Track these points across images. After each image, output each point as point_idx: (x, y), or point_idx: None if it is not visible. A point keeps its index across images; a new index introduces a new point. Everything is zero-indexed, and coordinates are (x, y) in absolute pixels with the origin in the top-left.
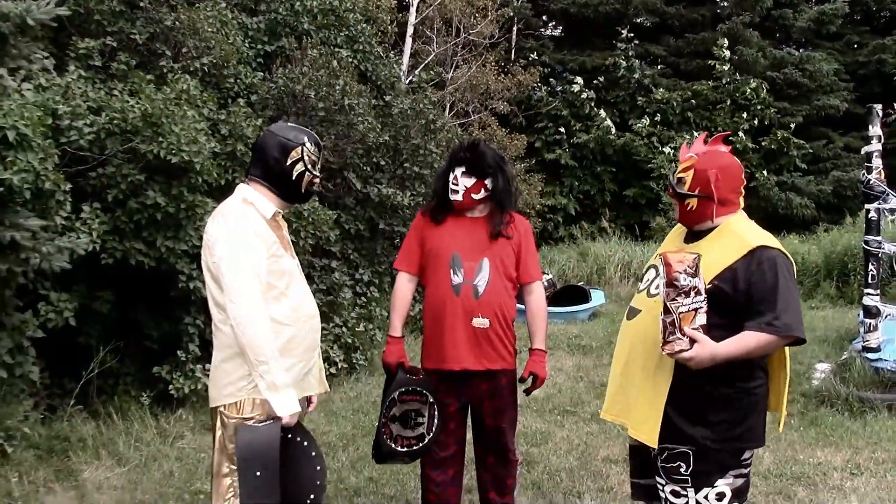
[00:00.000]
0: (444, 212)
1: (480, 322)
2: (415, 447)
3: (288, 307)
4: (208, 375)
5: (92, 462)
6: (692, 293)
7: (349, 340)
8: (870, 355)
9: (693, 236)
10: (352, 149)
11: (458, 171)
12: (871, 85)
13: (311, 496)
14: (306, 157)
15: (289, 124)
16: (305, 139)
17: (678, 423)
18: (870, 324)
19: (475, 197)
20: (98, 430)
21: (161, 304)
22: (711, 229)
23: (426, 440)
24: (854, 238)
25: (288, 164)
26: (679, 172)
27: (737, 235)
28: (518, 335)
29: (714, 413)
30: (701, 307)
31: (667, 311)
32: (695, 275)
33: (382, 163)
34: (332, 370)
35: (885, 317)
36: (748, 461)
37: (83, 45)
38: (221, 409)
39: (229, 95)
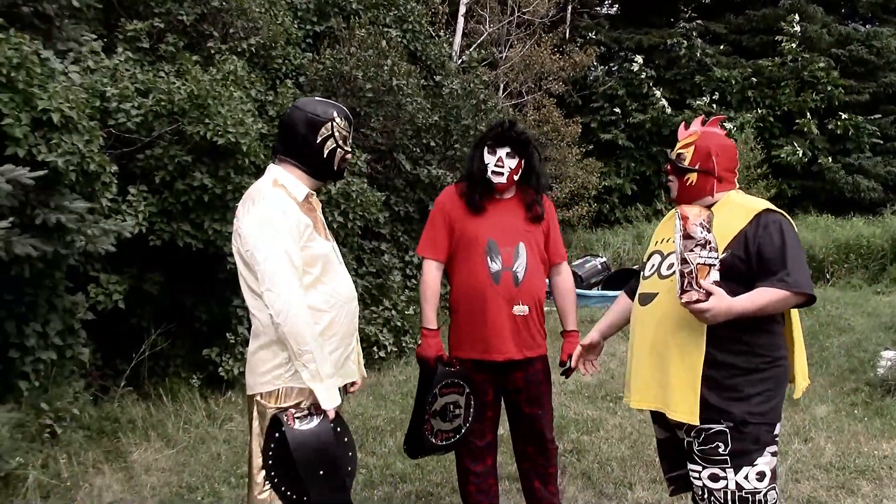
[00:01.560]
0: (483, 198)
1: (521, 309)
2: (452, 439)
3: (324, 292)
4: None
5: (141, 443)
6: (707, 247)
7: (399, 324)
8: None
9: None
10: (401, 130)
11: (503, 151)
12: None
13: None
14: (337, 133)
15: (317, 98)
16: (335, 113)
17: (714, 401)
18: None
19: (516, 178)
20: (148, 412)
21: (210, 286)
22: (710, 205)
23: (462, 431)
24: None
25: (318, 141)
26: (679, 149)
27: (738, 204)
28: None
29: (750, 386)
30: (714, 264)
31: (684, 261)
32: (709, 230)
33: (432, 144)
34: (382, 353)
35: None
36: (778, 437)
37: (131, 27)
38: (258, 397)
39: (277, 76)
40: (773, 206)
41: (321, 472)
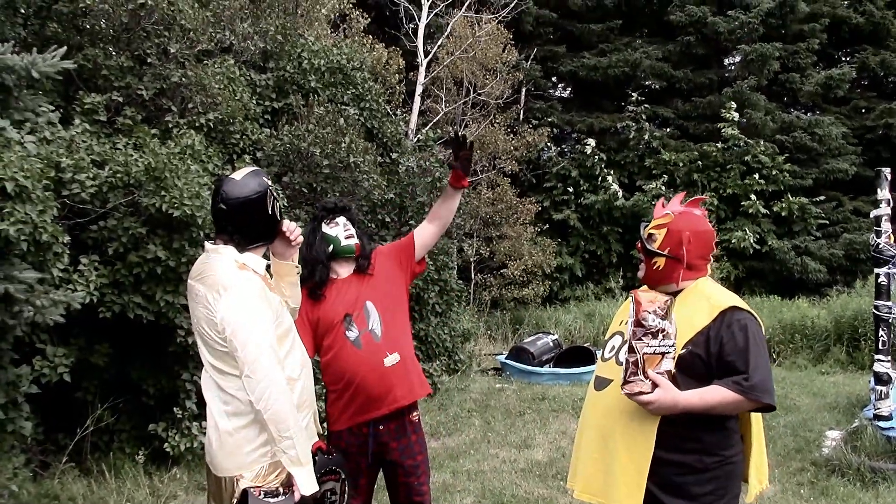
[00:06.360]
0: (322, 285)
1: (392, 359)
2: None
3: (296, 362)
4: (205, 433)
5: None
6: (660, 335)
7: None
8: (881, 423)
9: None
10: (357, 206)
11: (342, 220)
12: (878, 149)
13: None
14: (276, 193)
15: (236, 178)
16: (264, 179)
17: (661, 497)
18: (881, 391)
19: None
20: (89, 489)
21: (159, 359)
22: (676, 292)
23: None
24: (864, 302)
25: (271, 211)
26: (651, 228)
27: (705, 297)
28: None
29: (699, 485)
30: (668, 352)
31: (631, 350)
32: (665, 317)
33: (387, 220)
34: None
35: None
36: None
37: (89, 100)
38: (238, 477)
39: (235, 151)
40: (740, 303)
41: None
